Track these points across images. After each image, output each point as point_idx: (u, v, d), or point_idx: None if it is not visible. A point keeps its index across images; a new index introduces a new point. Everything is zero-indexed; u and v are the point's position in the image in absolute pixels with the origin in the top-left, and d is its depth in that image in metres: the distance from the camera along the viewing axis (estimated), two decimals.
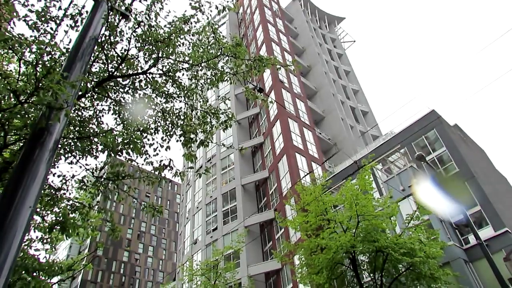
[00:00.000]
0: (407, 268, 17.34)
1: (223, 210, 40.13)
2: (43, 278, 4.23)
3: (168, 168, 6.06)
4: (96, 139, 5.42)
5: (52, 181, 5.97)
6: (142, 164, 6.07)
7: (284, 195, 33.98)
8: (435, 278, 16.60)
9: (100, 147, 5.72)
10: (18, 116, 4.10)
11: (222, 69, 6.33)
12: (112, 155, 5.31)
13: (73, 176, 5.82)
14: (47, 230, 4.83)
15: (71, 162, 5.98)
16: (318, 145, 41.44)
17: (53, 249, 5.61)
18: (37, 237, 5.84)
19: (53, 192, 5.47)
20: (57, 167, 5.93)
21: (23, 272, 3.55)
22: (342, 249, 16.60)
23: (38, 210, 5.48)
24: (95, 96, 5.84)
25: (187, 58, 5.96)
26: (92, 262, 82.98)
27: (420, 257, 16.18)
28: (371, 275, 18.16)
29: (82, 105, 6.10)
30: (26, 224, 2.83)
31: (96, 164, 6.10)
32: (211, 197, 42.62)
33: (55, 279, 5.95)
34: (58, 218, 4.90)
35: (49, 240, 5.72)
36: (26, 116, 4.30)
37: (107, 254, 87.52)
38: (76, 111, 5.95)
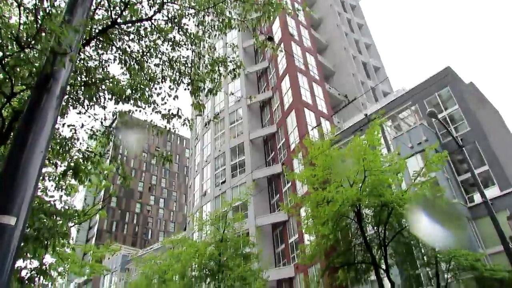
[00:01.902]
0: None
1: (231, 163, 40.74)
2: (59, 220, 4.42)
3: (177, 117, 6.08)
4: (103, 86, 5.42)
5: (62, 131, 6.07)
6: (151, 114, 6.10)
7: (292, 149, 34.23)
8: None
9: (107, 96, 5.74)
10: (23, 62, 4.09)
11: (230, 15, 6.13)
12: (120, 103, 5.34)
13: (82, 125, 5.90)
14: (60, 176, 4.97)
15: (80, 112, 6.02)
16: (328, 101, 41.01)
17: (68, 196, 5.80)
18: (52, 185, 6.02)
19: (64, 141, 5.56)
20: (66, 117, 6.00)
21: (41, 214, 3.73)
22: (347, 202, 16.91)
23: (50, 159, 5.61)
24: (100, 45, 5.76)
25: (193, 3, 5.77)
26: (107, 213, 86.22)
27: None
28: (375, 228, 18.62)
29: (87, 54, 6.04)
30: (39, 168, 2.90)
31: (104, 114, 6.15)
32: (219, 151, 43.12)
33: (71, 224, 6.22)
34: (70, 165, 5.02)
35: (63, 188, 5.89)
36: (31, 63, 4.28)
37: (120, 206, 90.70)
38: (82, 61, 5.91)
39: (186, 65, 6.06)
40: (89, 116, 5.81)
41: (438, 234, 17.01)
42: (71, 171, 4.83)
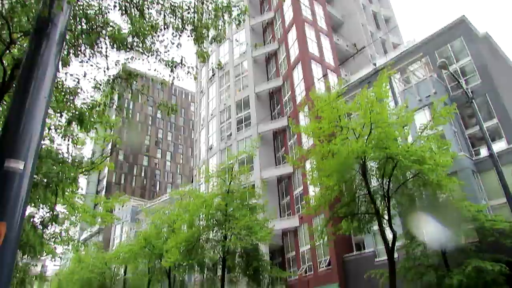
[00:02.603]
0: (415, 175, 17.85)
1: (237, 117, 40.68)
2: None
3: (180, 65, 5.94)
4: (103, 31, 5.26)
5: (65, 80, 5.99)
6: (154, 62, 5.97)
7: (298, 103, 33.95)
8: (441, 186, 17.15)
9: (108, 44, 5.58)
10: (19, 5, 3.93)
11: None
12: (122, 50, 5.20)
13: (85, 74, 5.80)
14: (66, 124, 4.96)
15: (82, 61, 5.90)
16: (335, 54, 39.97)
17: (75, 147, 5.83)
18: (58, 136, 6.02)
19: (68, 90, 5.50)
20: (68, 66, 5.88)
21: (48, 160, 3.75)
22: (353, 155, 16.97)
23: (54, 109, 5.59)
24: None
25: None
26: (115, 166, 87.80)
27: (429, 165, 16.53)
28: (379, 180, 18.83)
29: (86, 1, 5.80)
30: (43, 114, 2.86)
31: (107, 63, 6.02)
32: (224, 105, 42.92)
33: (79, 172, 6.31)
34: (75, 114, 4.99)
35: (69, 138, 5.90)
36: (27, 5, 4.12)
37: (128, 159, 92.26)
38: (81, 8, 5.69)
39: (189, 11, 5.82)
40: (92, 65, 5.71)
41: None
42: (76, 119, 4.81)
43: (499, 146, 21.65)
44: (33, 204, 4.19)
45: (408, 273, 18.65)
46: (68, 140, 5.71)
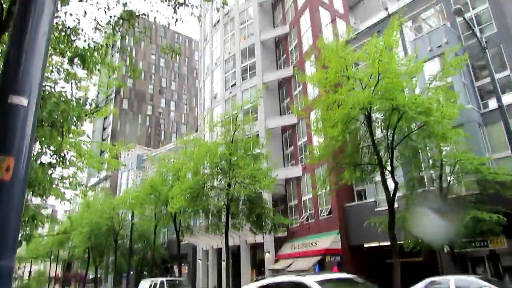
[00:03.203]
0: (420, 126, 17.77)
1: (241, 66, 39.92)
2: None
3: (184, 6, 5.68)
4: None
5: (65, 20, 5.76)
6: (156, 3, 5.70)
7: (305, 51, 33.10)
8: (446, 138, 17.11)
9: None
10: None
11: None
12: None
13: (85, 13, 5.56)
14: (68, 62, 4.84)
15: (81, 0, 5.64)
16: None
17: (78, 89, 5.74)
18: (61, 78, 5.91)
19: (68, 30, 5.30)
20: (68, 4, 5.62)
21: (53, 99, 3.70)
22: (358, 105, 16.79)
23: (56, 48, 5.42)
24: None
25: None
26: (119, 114, 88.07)
27: (436, 116, 16.39)
28: (384, 131, 18.80)
29: None
30: (44, 50, 2.76)
31: (107, 2, 5.74)
32: (229, 53, 41.95)
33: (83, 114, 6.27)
34: (77, 52, 4.84)
35: (73, 81, 5.79)
36: None
37: (132, 108, 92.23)
38: None
39: None
40: (91, 4, 5.45)
41: None
42: (78, 57, 4.68)
43: (508, 98, 21.27)
44: (40, 147, 4.20)
45: (407, 222, 19.17)
46: (71, 84, 5.61)
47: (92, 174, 54.21)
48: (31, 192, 3.57)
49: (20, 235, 3.31)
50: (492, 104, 21.77)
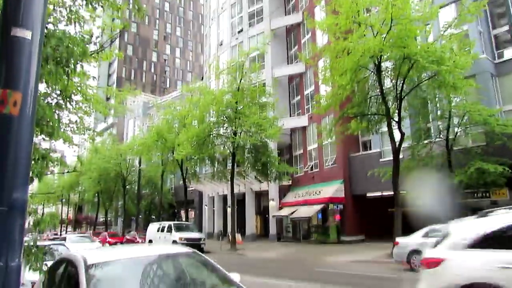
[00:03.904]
0: (431, 76, 17.39)
1: (248, 11, 38.47)
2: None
3: None
4: None
5: None
6: None
7: None
8: (456, 88, 16.77)
9: None
10: None
11: None
12: None
13: None
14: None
15: None
16: None
17: (82, 28, 5.53)
18: (64, 17, 5.67)
19: None
20: None
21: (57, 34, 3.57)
22: (369, 53, 16.34)
23: None
24: None
25: None
26: (124, 60, 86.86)
27: (448, 66, 15.95)
28: (393, 81, 18.45)
29: None
30: None
31: None
32: None
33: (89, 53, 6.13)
34: None
35: (76, 21, 5.57)
36: None
37: (137, 54, 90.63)
38: None
39: None
40: None
41: None
42: None
43: None
44: (46, 86, 4.13)
45: (411, 172, 19.37)
46: (74, 24, 5.42)
47: (99, 118, 54.46)
48: (39, 132, 3.58)
49: (31, 172, 3.36)
50: (508, 54, 21.07)
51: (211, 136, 26.16)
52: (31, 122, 1.98)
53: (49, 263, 4.43)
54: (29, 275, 6.87)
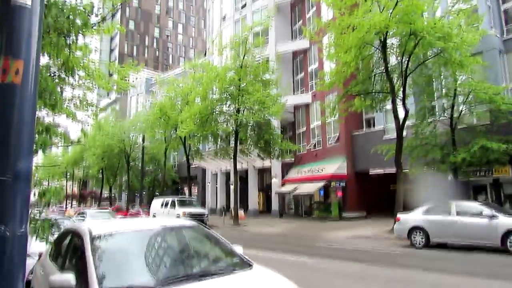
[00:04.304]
0: (437, 53, 17.11)
1: None
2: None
3: None
4: None
5: None
6: None
7: None
8: (463, 65, 16.54)
9: None
10: None
11: None
12: None
13: None
14: None
15: None
16: None
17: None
18: None
19: None
20: None
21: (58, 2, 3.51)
22: (374, 29, 16.03)
23: None
24: None
25: None
26: (126, 35, 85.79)
27: (455, 43, 15.69)
28: (398, 58, 18.19)
29: None
30: None
31: None
32: None
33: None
34: None
35: None
36: None
37: (139, 30, 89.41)
38: None
39: None
40: None
41: None
42: None
43: None
44: (48, 58, 4.09)
45: (414, 150, 19.37)
46: None
47: (102, 94, 54.38)
48: (42, 105, 3.57)
49: (35, 144, 3.37)
50: None
51: (214, 113, 26.09)
52: (33, 92, 1.97)
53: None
54: (36, 246, 7.02)
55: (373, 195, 26.91)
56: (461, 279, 7.84)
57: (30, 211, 1.97)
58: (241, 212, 28.14)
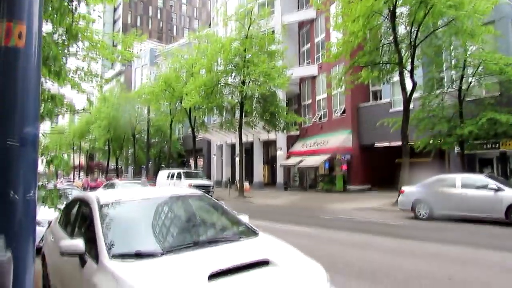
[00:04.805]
0: (447, 22, 16.67)
1: None
2: None
3: None
4: None
5: None
6: None
7: None
8: (473, 35, 16.14)
9: None
10: None
11: None
12: None
13: None
14: None
15: None
16: None
17: None
18: None
19: None
20: None
21: None
22: None
23: None
24: None
25: None
26: (129, 5, 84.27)
27: (466, 11, 15.25)
28: (408, 28, 17.75)
29: None
30: None
31: None
32: None
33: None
34: None
35: None
36: None
37: None
38: None
39: None
40: None
41: None
42: None
43: None
44: (51, 25, 4.02)
45: (420, 123, 19.20)
46: None
47: (106, 65, 54.05)
48: (47, 73, 3.53)
49: (41, 111, 3.36)
50: None
51: (219, 85, 25.89)
52: (37, 56, 1.94)
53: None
54: (46, 215, 7.16)
55: (378, 168, 26.96)
56: (463, 250, 7.93)
57: (38, 178, 1.98)
58: (246, 184, 28.41)
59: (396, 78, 19.86)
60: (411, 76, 17.68)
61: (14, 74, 1.79)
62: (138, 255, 3.14)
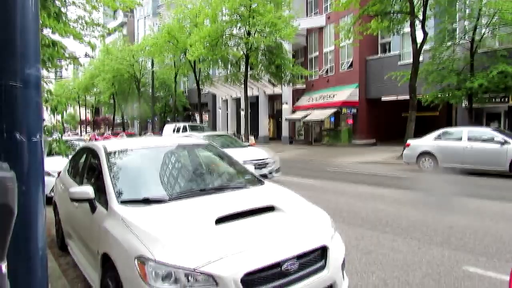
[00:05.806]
0: None
1: None
2: None
3: None
4: None
5: None
6: None
7: None
8: None
9: None
10: None
11: None
12: None
13: None
14: None
15: None
16: None
17: None
18: None
19: None
20: None
21: None
22: None
23: None
24: None
25: None
26: None
27: None
28: None
29: None
30: None
31: None
32: None
33: None
34: None
35: None
36: None
37: None
38: None
39: None
40: None
41: None
42: None
43: None
44: None
45: (429, 76, 18.78)
46: None
47: (108, 14, 52.55)
48: (46, 15, 3.41)
49: (42, 55, 3.30)
50: None
51: (224, 36, 25.21)
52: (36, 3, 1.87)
53: None
54: (55, 165, 7.26)
55: (384, 122, 26.83)
56: (466, 200, 8.04)
57: (44, 121, 1.97)
58: (251, 138, 28.51)
59: (406, 29, 19.20)
60: (423, 27, 17.07)
61: (12, 11, 1.73)
62: (146, 201, 3.21)
